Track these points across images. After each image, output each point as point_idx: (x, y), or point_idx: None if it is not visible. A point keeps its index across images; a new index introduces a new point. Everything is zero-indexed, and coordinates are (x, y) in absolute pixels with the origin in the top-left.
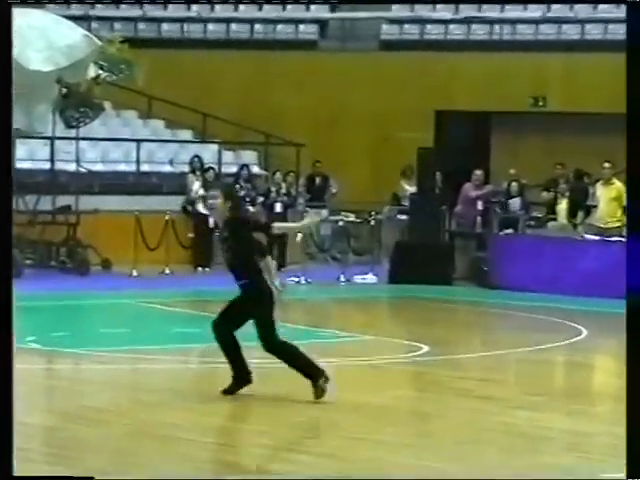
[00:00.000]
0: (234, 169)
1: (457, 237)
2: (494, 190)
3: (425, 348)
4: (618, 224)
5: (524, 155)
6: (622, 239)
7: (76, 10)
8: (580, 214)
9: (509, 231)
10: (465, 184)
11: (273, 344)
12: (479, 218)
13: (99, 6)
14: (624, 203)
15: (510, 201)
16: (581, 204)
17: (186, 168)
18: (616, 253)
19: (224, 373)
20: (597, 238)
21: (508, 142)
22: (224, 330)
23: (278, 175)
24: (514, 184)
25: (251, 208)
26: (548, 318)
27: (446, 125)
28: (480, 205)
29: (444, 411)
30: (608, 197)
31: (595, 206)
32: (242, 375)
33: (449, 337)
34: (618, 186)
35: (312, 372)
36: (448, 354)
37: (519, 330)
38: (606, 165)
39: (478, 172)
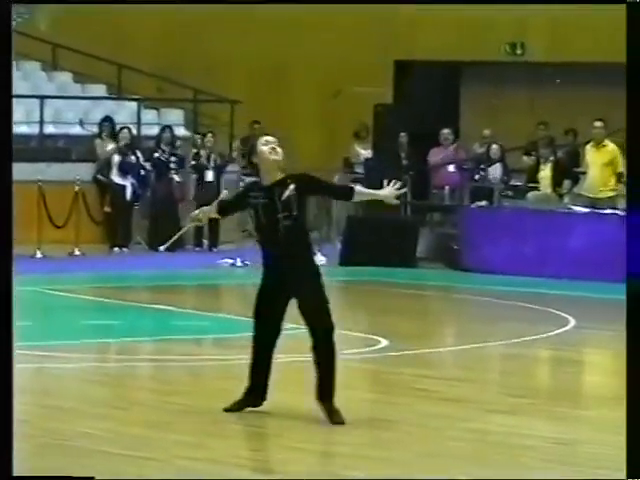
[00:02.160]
0: (156, 130)
1: (422, 210)
2: (468, 156)
3: (384, 342)
4: (612, 194)
5: (500, 113)
6: (617, 212)
7: None
8: (567, 182)
9: (483, 203)
10: (432, 149)
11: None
12: (447, 187)
13: None
14: (619, 169)
15: (490, 168)
16: (568, 170)
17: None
18: (609, 228)
19: (146, 372)
20: (587, 210)
21: (481, 98)
22: (272, 330)
23: (210, 137)
24: (494, 147)
25: (176, 177)
26: (530, 305)
27: (407, 78)
28: (453, 170)
29: (406, 416)
30: (600, 162)
31: (585, 173)
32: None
33: (413, 329)
34: (612, 149)
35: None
36: (412, 349)
37: (495, 320)
38: (597, 124)
39: (445, 131)
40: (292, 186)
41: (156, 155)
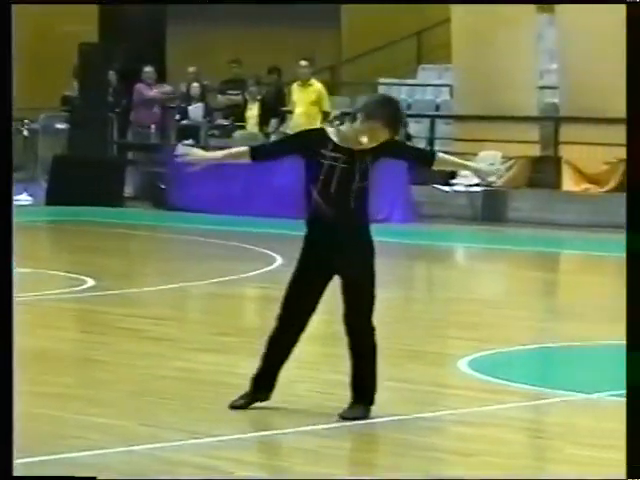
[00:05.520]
0: None
1: (128, 149)
2: (173, 92)
3: (90, 282)
4: None
5: (206, 51)
6: None
7: None
8: (273, 121)
9: (189, 142)
10: (137, 84)
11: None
12: (153, 126)
13: None
14: (325, 108)
15: (190, 107)
16: (274, 109)
17: None
18: None
19: None
20: None
21: (187, 34)
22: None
23: None
24: (195, 85)
25: None
26: (236, 244)
27: (112, 15)
28: (157, 109)
29: (113, 356)
30: (306, 101)
31: (291, 111)
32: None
33: (119, 268)
34: (317, 88)
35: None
36: (118, 288)
37: (203, 259)
38: (303, 63)
39: (148, 69)
40: (372, 153)
41: None
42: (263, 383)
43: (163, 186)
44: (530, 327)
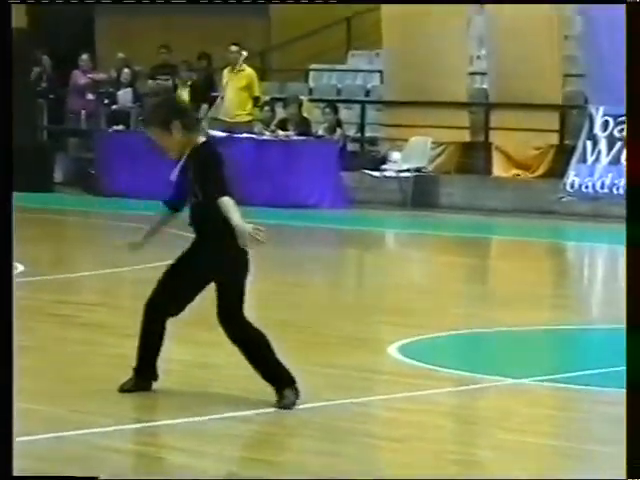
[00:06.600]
0: None
1: (58, 135)
2: (105, 78)
3: (20, 267)
4: (248, 118)
5: (136, 37)
6: (253, 136)
7: None
8: (203, 107)
9: (119, 127)
10: (74, 71)
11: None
12: (83, 112)
13: None
14: (256, 93)
15: (119, 92)
16: (204, 95)
17: None
18: (246, 152)
19: None
20: (224, 135)
21: (116, 20)
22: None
23: None
24: (126, 71)
25: None
26: (167, 229)
27: (40, 3)
28: (91, 96)
29: (44, 343)
30: (237, 87)
31: (222, 97)
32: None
33: (50, 254)
34: (249, 73)
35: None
36: (49, 274)
37: None
38: (233, 48)
39: (84, 57)
40: (192, 163)
41: None
42: (145, 369)
43: (92, 171)
44: (460, 313)
